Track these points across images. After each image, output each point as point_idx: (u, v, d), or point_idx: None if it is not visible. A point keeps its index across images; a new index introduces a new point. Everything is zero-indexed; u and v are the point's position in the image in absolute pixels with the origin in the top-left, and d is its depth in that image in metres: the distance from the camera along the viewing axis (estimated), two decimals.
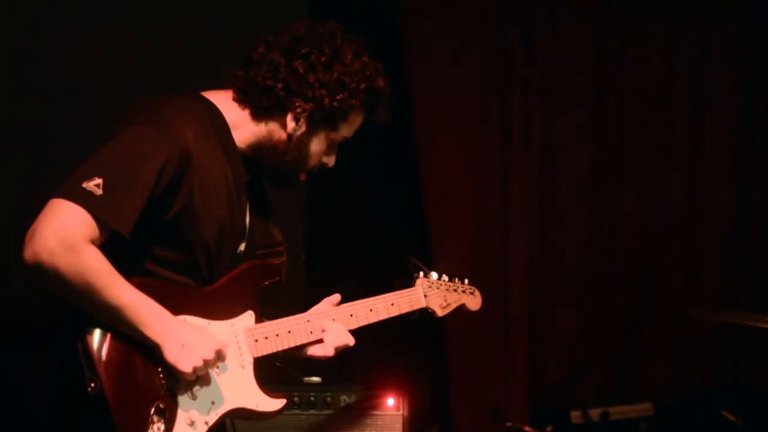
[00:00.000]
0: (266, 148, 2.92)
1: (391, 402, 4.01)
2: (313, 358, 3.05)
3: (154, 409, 2.65)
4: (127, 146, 2.65)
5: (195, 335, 2.71)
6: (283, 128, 2.90)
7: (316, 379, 4.11)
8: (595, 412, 5.15)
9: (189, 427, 2.71)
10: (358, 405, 4.01)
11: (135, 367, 2.65)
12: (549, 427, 5.05)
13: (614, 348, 5.55)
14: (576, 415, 5.15)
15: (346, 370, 3.98)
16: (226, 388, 2.80)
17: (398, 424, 3.99)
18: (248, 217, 2.96)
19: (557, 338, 5.50)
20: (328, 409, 4.00)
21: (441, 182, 5.26)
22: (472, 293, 3.50)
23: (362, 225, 5.07)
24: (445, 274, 3.42)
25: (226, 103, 2.89)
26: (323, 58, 2.86)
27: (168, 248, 2.74)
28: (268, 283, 2.96)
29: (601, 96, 5.52)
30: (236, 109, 2.90)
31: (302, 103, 2.86)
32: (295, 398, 3.95)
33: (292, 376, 3.95)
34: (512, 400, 5.30)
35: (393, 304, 3.22)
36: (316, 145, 2.94)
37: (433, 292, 3.35)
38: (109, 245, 2.61)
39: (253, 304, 2.93)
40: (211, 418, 2.77)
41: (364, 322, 3.14)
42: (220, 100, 2.89)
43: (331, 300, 3.13)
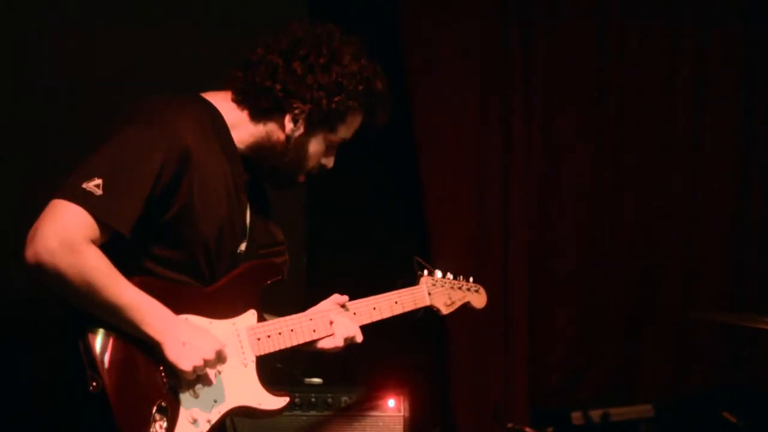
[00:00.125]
0: (265, 149, 2.92)
1: (392, 403, 4.01)
2: (322, 351, 3.06)
3: (156, 408, 2.65)
4: (126, 146, 2.65)
5: (196, 334, 2.71)
6: (282, 129, 2.90)
7: (317, 380, 4.11)
8: (596, 413, 5.16)
9: (191, 426, 2.71)
10: (359, 406, 4.01)
11: (136, 366, 2.65)
12: (550, 428, 5.05)
13: (614, 348, 5.54)
14: (577, 416, 5.15)
15: (346, 372, 3.99)
16: (228, 387, 2.80)
17: (399, 425, 3.99)
18: (248, 217, 2.97)
19: (557, 338, 5.50)
20: (329, 410, 4.00)
21: (441, 182, 5.26)
22: (477, 291, 3.50)
23: (362, 225, 5.07)
24: (450, 273, 3.42)
25: (225, 104, 2.90)
26: (321, 60, 2.87)
27: (168, 248, 2.74)
28: (269, 282, 2.97)
29: (601, 96, 5.52)
30: (235, 110, 2.90)
31: (300, 105, 2.87)
32: (296, 399, 3.95)
33: (293, 376, 3.95)
34: (512, 400, 5.30)
35: (397, 302, 3.23)
36: (315, 146, 2.95)
37: (437, 290, 3.35)
38: (110, 245, 2.61)
39: (255, 303, 2.93)
40: (214, 416, 2.76)
41: (368, 320, 3.14)
42: (220, 100, 2.90)
43: (336, 300, 3.12)
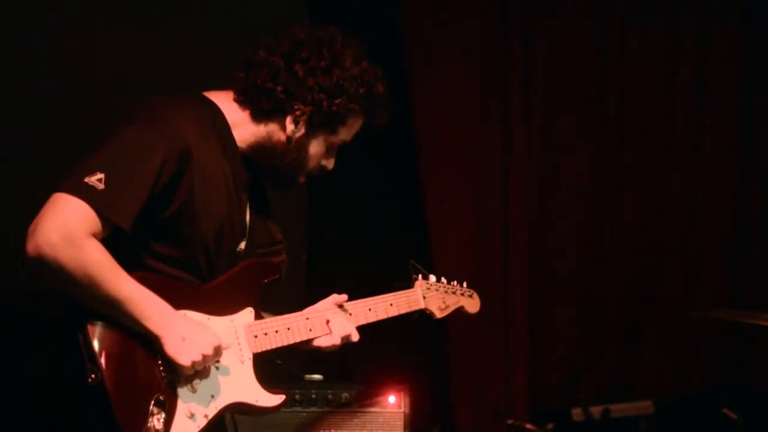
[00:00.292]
0: (266, 149, 2.94)
1: (393, 399, 4.01)
2: (319, 349, 3.07)
3: (154, 401, 2.66)
4: (128, 144, 2.67)
5: (195, 330, 2.72)
6: (283, 130, 2.92)
7: (318, 377, 4.11)
8: (596, 410, 5.16)
9: (189, 420, 2.72)
10: (360, 402, 4.02)
11: (135, 360, 2.66)
12: (550, 425, 5.05)
13: (614, 348, 5.54)
14: (577, 413, 5.15)
15: (347, 368, 3.99)
16: (225, 383, 2.81)
17: (399, 422, 4.00)
18: (248, 216, 2.98)
19: (557, 338, 5.50)
20: (329, 406, 4.00)
21: (441, 182, 5.26)
22: (471, 296, 3.54)
23: (362, 225, 5.07)
24: (444, 277, 3.46)
25: (227, 104, 2.92)
26: (323, 63, 2.89)
27: (168, 245, 2.76)
28: (267, 280, 2.98)
29: (601, 96, 5.52)
30: (237, 110, 2.92)
31: (301, 107, 2.89)
32: (297, 395, 3.96)
33: (293, 373, 3.95)
34: (512, 400, 5.30)
35: (392, 305, 3.26)
36: (315, 147, 2.96)
37: (431, 294, 3.39)
38: (111, 240, 2.63)
39: (253, 301, 2.94)
40: (211, 412, 2.78)
41: (363, 321, 3.17)
42: (222, 100, 2.92)
43: (335, 299, 3.14)
